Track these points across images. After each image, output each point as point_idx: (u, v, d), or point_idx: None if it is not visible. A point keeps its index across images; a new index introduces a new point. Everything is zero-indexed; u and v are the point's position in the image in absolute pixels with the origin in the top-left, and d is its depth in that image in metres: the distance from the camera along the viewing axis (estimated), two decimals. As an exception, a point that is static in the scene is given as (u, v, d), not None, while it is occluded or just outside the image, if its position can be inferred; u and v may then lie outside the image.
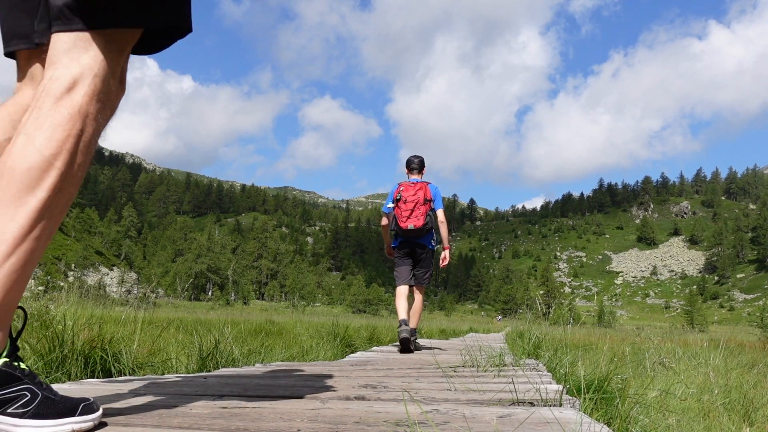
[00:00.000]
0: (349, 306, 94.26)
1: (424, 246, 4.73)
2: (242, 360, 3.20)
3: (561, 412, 1.19)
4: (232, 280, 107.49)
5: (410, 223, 4.55)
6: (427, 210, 4.59)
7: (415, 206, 4.55)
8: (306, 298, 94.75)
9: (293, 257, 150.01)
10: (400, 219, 4.59)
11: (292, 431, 1.07)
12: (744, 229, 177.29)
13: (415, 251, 4.73)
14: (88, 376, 2.34)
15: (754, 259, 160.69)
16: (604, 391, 1.87)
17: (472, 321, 60.21)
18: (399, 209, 4.60)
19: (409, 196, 4.58)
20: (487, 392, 1.59)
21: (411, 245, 4.71)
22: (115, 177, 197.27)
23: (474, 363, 2.62)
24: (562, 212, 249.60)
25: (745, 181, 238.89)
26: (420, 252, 4.74)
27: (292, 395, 1.61)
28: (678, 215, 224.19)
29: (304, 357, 4.53)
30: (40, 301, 4.51)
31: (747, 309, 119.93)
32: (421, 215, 4.55)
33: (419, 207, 4.55)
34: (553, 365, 2.86)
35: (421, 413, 1.23)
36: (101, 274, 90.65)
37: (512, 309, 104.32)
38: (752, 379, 4.12)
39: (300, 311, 37.60)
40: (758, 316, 25.95)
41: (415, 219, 4.53)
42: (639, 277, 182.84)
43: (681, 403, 2.76)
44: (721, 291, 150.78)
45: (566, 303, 72.31)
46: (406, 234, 4.63)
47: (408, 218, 4.55)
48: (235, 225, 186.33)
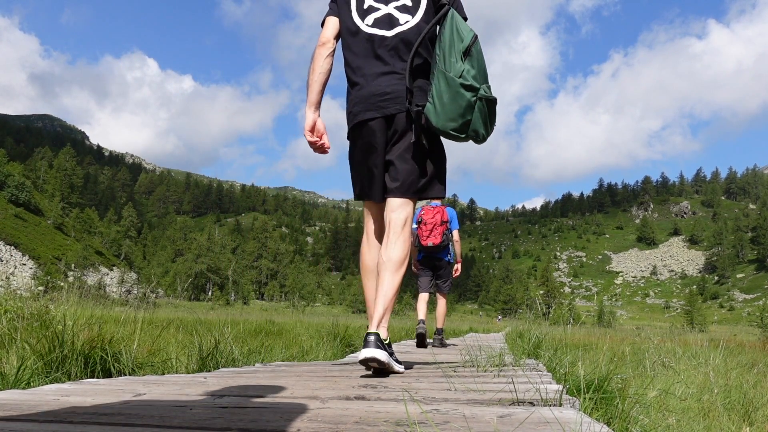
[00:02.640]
0: (349, 306, 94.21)
1: (441, 259, 5.59)
2: (242, 360, 3.19)
3: (561, 412, 1.19)
4: (232, 280, 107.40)
5: (430, 241, 5.41)
6: (444, 230, 5.44)
7: (433, 227, 5.40)
8: (306, 298, 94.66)
9: (293, 257, 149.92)
10: (422, 237, 5.45)
11: (292, 431, 1.07)
12: (744, 229, 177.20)
13: (434, 264, 5.60)
14: (88, 376, 2.34)
15: (754, 259, 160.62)
16: (604, 391, 1.87)
17: (472, 321, 60.19)
18: (421, 230, 5.44)
19: (429, 218, 5.41)
20: (487, 392, 1.59)
21: (431, 259, 5.59)
22: (115, 177, 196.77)
23: (474, 363, 2.62)
24: (562, 212, 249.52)
25: (745, 181, 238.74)
26: (439, 264, 5.60)
27: (292, 395, 1.61)
28: (678, 215, 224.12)
29: (304, 357, 4.53)
30: (40, 301, 4.52)
31: (747, 309, 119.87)
32: (439, 234, 5.40)
33: (437, 227, 5.40)
34: (553, 365, 2.86)
35: (421, 413, 1.23)
36: (101, 274, 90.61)
37: (512, 309, 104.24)
38: (752, 379, 4.12)
39: (300, 311, 37.53)
40: (758, 316, 25.94)
41: (434, 237, 5.40)
42: (639, 277, 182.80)
43: (681, 402, 2.76)
44: (721, 291, 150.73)
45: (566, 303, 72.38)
46: (427, 250, 5.51)
47: (428, 237, 5.42)
48: (235, 225, 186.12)
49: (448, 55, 2.13)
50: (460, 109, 2.10)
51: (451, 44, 2.14)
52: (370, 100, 2.25)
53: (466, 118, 2.12)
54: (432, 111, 2.14)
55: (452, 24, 2.17)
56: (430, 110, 2.15)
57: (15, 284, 32.47)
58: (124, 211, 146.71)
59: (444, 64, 2.13)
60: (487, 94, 2.14)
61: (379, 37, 2.27)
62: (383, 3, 2.29)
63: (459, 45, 2.13)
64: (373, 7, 2.29)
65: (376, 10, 2.28)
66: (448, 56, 2.13)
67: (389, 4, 2.29)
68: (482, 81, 2.15)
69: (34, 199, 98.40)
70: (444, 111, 2.11)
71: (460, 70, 2.11)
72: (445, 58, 2.14)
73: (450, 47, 2.14)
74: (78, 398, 1.50)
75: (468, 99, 2.10)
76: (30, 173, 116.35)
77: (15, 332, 2.81)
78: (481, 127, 2.15)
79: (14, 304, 4.25)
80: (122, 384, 1.87)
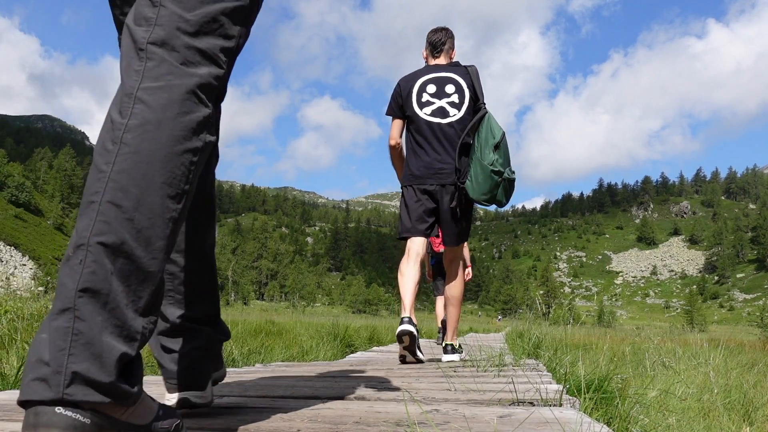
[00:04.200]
0: (349, 306, 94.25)
1: None
2: (242, 360, 3.19)
3: (561, 412, 1.19)
4: (231, 280, 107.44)
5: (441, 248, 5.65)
6: None
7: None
8: (306, 299, 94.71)
9: (293, 257, 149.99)
10: (434, 245, 5.94)
11: (292, 431, 1.07)
12: (744, 228, 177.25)
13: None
14: (88, 376, 2.33)
15: (754, 258, 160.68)
16: (604, 391, 1.87)
17: (472, 321, 60.14)
18: (433, 238, 5.77)
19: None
20: (487, 392, 1.59)
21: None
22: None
23: (474, 363, 2.62)
24: (562, 212, 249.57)
25: (744, 181, 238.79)
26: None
27: (292, 395, 1.61)
28: (678, 215, 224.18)
29: (304, 357, 4.53)
30: (40, 301, 4.52)
31: (747, 309, 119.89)
32: None
33: None
34: (553, 365, 2.86)
35: (421, 413, 1.23)
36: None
37: (512, 309, 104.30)
38: (752, 379, 4.12)
39: (300, 311, 37.53)
40: (758, 316, 25.93)
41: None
42: (639, 277, 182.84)
43: (681, 402, 2.76)
44: (721, 291, 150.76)
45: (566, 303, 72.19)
46: (439, 256, 6.04)
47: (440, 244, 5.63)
48: (235, 225, 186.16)
49: (483, 147, 2.90)
50: (490, 187, 2.87)
51: (486, 139, 2.91)
52: (431, 171, 3.03)
53: (493, 193, 2.90)
54: (470, 187, 2.93)
55: (488, 124, 2.95)
56: (469, 186, 2.94)
57: (15, 285, 32.43)
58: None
59: (480, 153, 2.90)
60: (509, 176, 2.91)
61: (436, 123, 3.05)
62: (438, 98, 3.09)
63: (491, 141, 2.90)
64: (430, 102, 3.09)
65: (433, 104, 3.09)
66: (483, 148, 2.90)
67: (442, 100, 3.08)
68: (506, 166, 2.91)
69: (34, 199, 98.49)
70: (479, 188, 2.89)
71: (492, 160, 2.86)
72: (481, 149, 2.91)
73: (485, 141, 2.91)
74: (78, 399, 1.50)
75: (496, 180, 2.87)
76: (30, 174, 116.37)
77: (15, 333, 2.81)
78: (503, 198, 2.93)
79: (14, 305, 4.25)
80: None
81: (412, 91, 3.13)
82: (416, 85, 3.13)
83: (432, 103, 3.07)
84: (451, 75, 3.11)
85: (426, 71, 3.18)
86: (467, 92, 3.06)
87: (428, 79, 3.13)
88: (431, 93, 3.09)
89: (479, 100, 3.05)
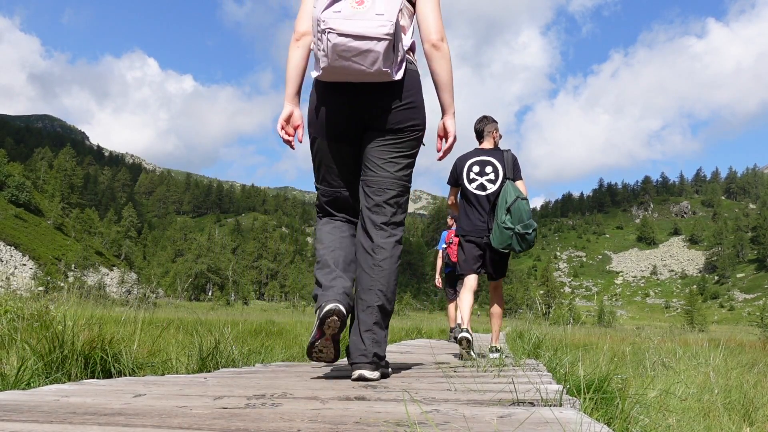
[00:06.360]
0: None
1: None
2: (242, 360, 3.19)
3: (561, 412, 1.19)
4: (232, 280, 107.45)
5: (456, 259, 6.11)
6: None
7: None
8: (306, 299, 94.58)
9: (293, 257, 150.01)
10: (452, 255, 6.76)
11: (292, 431, 1.07)
12: (744, 228, 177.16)
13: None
14: (88, 376, 2.34)
15: (754, 258, 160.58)
16: (604, 391, 1.87)
17: (472, 321, 60.05)
18: (450, 248, 6.85)
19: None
20: (487, 392, 1.59)
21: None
22: (115, 177, 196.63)
23: (474, 363, 2.62)
24: (562, 212, 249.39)
25: (745, 181, 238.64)
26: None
27: (292, 395, 1.61)
28: (678, 215, 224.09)
29: (304, 357, 4.53)
30: (40, 301, 4.52)
31: (747, 309, 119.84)
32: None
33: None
34: (553, 365, 2.86)
35: (421, 413, 1.23)
36: (101, 274, 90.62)
37: (512, 309, 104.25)
38: (752, 379, 4.12)
39: (300, 311, 37.56)
40: (758, 316, 25.90)
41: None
42: (639, 277, 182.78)
43: (681, 402, 2.76)
44: (721, 291, 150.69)
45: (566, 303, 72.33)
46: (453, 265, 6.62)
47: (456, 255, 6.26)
48: (235, 225, 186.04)
49: (499, 209, 3.90)
50: (504, 238, 3.84)
51: (502, 204, 3.90)
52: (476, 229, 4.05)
53: (508, 243, 3.85)
54: (493, 238, 3.92)
55: (504, 193, 3.93)
56: (492, 238, 3.93)
57: (15, 285, 32.45)
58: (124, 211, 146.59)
59: (496, 214, 3.92)
60: (520, 231, 3.80)
61: (479, 194, 4.08)
62: (480, 176, 4.10)
63: (504, 205, 3.87)
64: (475, 179, 4.11)
65: (477, 180, 4.11)
66: (499, 210, 3.90)
67: (483, 177, 4.09)
68: (517, 223, 3.81)
69: (34, 199, 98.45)
70: (497, 240, 3.87)
71: (503, 219, 3.84)
72: (498, 211, 3.91)
73: (501, 205, 3.90)
74: (78, 399, 1.50)
75: (508, 234, 3.83)
76: (30, 173, 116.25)
77: (15, 333, 2.82)
78: (517, 246, 3.84)
79: (14, 305, 4.25)
80: (122, 385, 1.86)
81: (464, 170, 4.18)
82: (466, 165, 4.18)
83: (476, 180, 4.12)
84: (491, 159, 4.14)
85: (474, 154, 4.22)
86: (501, 172, 4.09)
87: (474, 161, 4.18)
88: (476, 172, 4.14)
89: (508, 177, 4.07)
